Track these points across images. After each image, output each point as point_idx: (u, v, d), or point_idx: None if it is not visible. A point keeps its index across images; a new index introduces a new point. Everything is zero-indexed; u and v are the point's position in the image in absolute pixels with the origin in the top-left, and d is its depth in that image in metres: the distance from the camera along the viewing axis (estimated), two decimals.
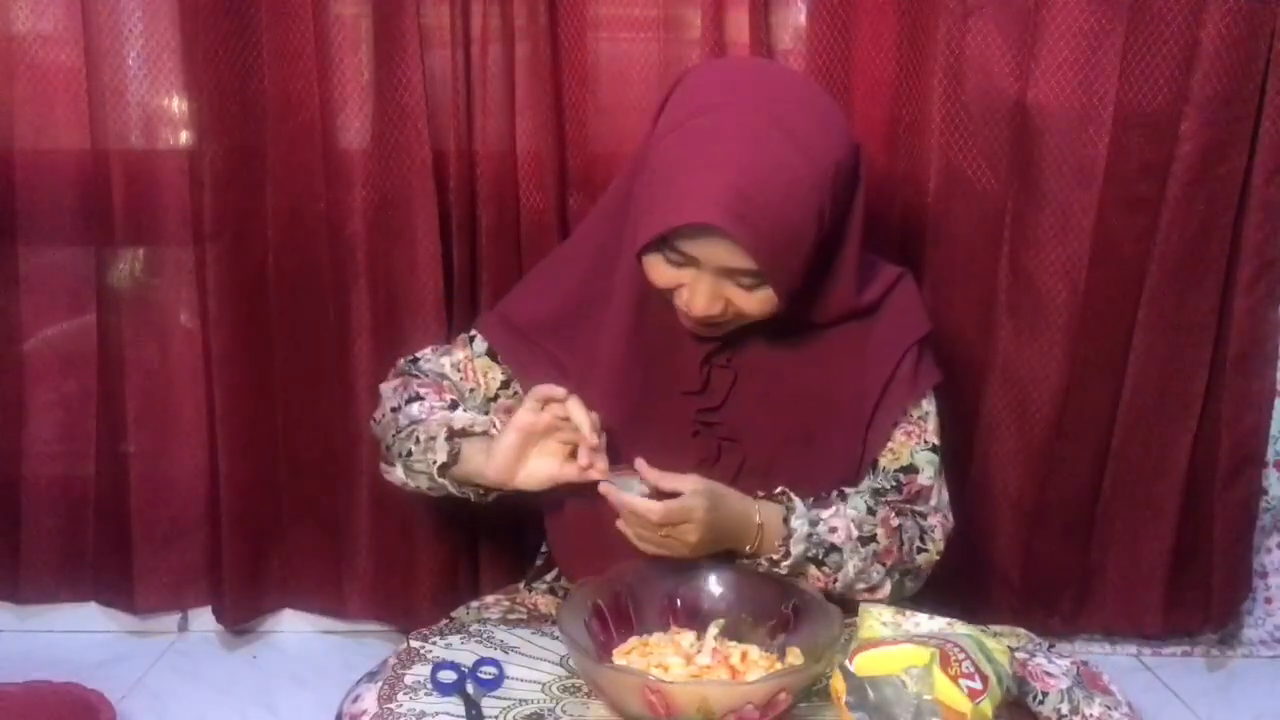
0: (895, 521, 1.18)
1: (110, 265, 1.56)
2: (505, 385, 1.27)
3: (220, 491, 1.58)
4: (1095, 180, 1.46)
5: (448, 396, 1.25)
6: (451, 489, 1.18)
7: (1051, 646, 1.18)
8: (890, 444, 1.22)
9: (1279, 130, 1.46)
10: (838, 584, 1.15)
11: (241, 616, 1.65)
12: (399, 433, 1.21)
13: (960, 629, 1.05)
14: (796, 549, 1.12)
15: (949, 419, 1.47)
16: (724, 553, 1.13)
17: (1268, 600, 1.72)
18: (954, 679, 0.93)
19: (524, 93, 1.49)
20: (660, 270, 1.11)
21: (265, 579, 1.66)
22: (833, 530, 1.14)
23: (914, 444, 1.22)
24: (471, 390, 1.27)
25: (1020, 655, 1.11)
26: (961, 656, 0.95)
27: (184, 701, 1.55)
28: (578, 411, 1.10)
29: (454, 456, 1.16)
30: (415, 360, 1.30)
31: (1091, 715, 1.06)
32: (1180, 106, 1.44)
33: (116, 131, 1.51)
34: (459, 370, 1.28)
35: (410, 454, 1.19)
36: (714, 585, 1.15)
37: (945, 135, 1.47)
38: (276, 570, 1.66)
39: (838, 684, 0.96)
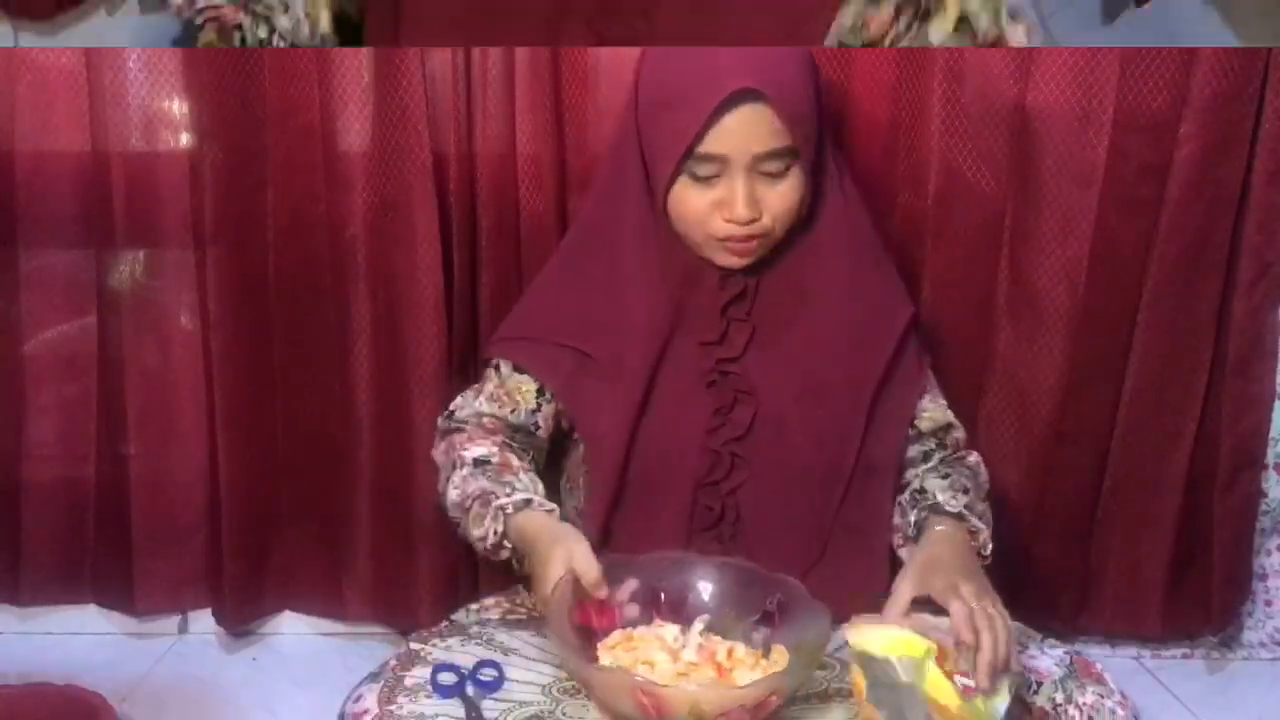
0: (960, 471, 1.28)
1: (110, 267, 1.56)
2: (540, 392, 1.28)
3: (220, 493, 1.58)
4: (1095, 182, 1.46)
5: (497, 437, 1.25)
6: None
7: (1044, 638, 1.19)
8: (925, 412, 1.30)
9: (1279, 131, 1.46)
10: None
11: (241, 618, 1.65)
12: (465, 508, 1.20)
13: None
14: (979, 523, 1.20)
15: None
16: None
17: (1267, 603, 1.71)
18: (949, 675, 0.93)
19: (524, 94, 1.49)
20: (691, 197, 1.16)
21: (265, 581, 1.66)
22: (954, 496, 1.21)
23: (939, 406, 1.32)
24: (512, 411, 1.28)
25: None
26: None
27: (184, 703, 1.54)
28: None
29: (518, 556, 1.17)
30: (451, 415, 1.31)
31: (1085, 704, 1.07)
32: (1180, 108, 1.44)
33: (117, 133, 1.50)
34: (495, 400, 1.29)
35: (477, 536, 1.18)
36: (698, 579, 1.15)
37: (945, 137, 1.47)
38: (276, 572, 1.66)
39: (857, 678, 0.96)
